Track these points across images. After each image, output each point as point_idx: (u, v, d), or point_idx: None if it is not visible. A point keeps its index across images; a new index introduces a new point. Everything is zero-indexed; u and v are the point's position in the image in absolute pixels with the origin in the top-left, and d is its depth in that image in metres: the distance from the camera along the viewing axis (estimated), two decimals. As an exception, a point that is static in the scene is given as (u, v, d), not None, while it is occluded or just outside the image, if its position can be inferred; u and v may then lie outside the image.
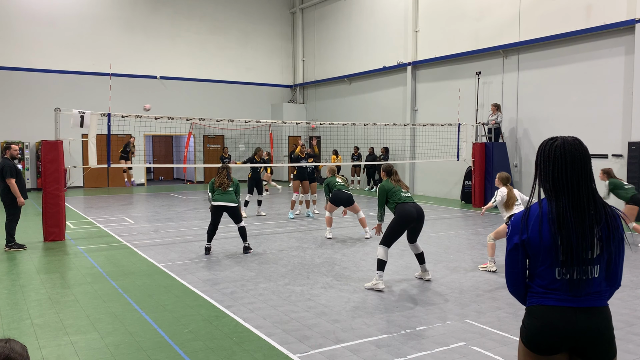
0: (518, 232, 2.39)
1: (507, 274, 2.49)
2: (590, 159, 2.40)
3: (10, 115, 19.60)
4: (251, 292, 6.44)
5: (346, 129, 20.25)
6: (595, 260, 2.32)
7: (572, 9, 13.80)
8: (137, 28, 21.91)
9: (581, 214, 2.30)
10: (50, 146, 9.79)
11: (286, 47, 25.74)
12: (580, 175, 2.34)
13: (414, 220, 6.65)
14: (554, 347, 2.32)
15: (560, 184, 2.35)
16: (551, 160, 2.38)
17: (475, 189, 15.07)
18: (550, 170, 2.37)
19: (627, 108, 12.73)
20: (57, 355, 4.56)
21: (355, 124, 14.94)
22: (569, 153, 2.36)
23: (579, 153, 2.36)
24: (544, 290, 2.36)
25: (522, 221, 2.40)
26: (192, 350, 4.64)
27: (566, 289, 2.31)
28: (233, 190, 8.71)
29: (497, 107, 15.36)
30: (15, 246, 9.03)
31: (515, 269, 2.44)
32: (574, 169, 2.34)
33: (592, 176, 2.38)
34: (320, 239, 10.09)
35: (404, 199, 6.77)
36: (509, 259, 2.46)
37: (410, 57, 18.89)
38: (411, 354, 4.57)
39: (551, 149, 2.40)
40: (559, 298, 2.32)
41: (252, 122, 14.62)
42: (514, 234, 2.41)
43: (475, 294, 6.38)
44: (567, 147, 2.37)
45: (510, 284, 2.50)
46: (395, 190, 6.79)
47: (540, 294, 2.37)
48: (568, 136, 2.42)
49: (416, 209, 6.71)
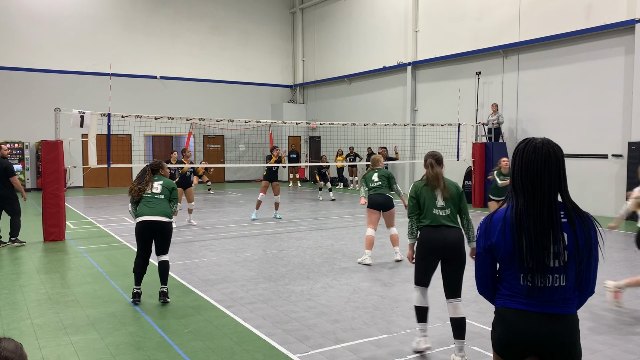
0: (486, 235, 2.39)
1: (476, 277, 2.49)
2: (559, 161, 2.28)
3: (10, 115, 19.61)
4: (251, 292, 6.43)
5: (346, 129, 20.24)
6: (559, 269, 2.27)
7: (572, 9, 13.80)
8: (137, 28, 21.91)
9: (534, 218, 2.26)
10: (50, 146, 9.80)
11: (286, 47, 25.74)
12: (538, 178, 2.26)
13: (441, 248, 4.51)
14: (518, 351, 2.31)
15: (517, 186, 2.32)
16: (516, 163, 2.35)
17: (475, 189, 15.07)
18: (520, 173, 2.32)
19: (627, 108, 12.73)
20: (57, 355, 4.56)
21: (355, 124, 14.93)
22: (529, 154, 2.29)
23: (541, 154, 2.27)
24: (509, 293, 2.36)
25: (486, 225, 2.39)
26: (192, 350, 4.64)
27: (529, 295, 2.29)
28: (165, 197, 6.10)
29: (497, 107, 15.36)
30: (17, 241, 9.49)
31: (484, 272, 2.45)
32: (531, 171, 2.27)
33: (559, 179, 2.29)
34: (320, 239, 10.08)
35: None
36: (477, 261, 2.46)
37: (410, 57, 18.88)
38: (411, 354, 4.56)
39: (517, 150, 2.36)
40: (522, 302, 2.31)
41: (252, 122, 14.61)
42: (484, 236, 2.40)
43: (476, 294, 6.36)
44: (528, 149, 2.30)
45: (478, 285, 2.50)
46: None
47: (505, 296, 2.37)
48: (539, 138, 2.35)
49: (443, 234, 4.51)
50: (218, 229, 11.27)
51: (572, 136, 13.87)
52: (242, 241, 9.87)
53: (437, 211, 4.53)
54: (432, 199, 4.56)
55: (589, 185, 13.40)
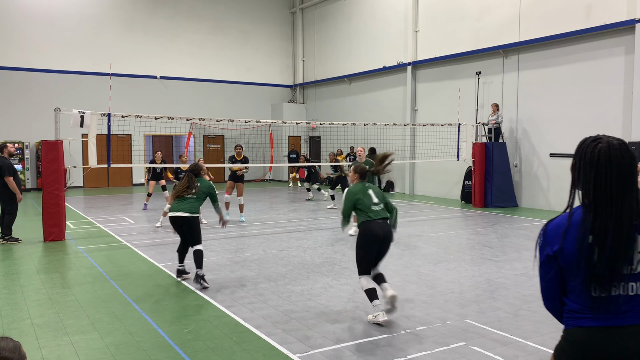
0: (550, 242, 2.16)
1: (541, 288, 2.25)
2: (637, 166, 2.14)
3: (10, 115, 19.61)
4: (251, 292, 6.43)
5: (346, 129, 20.24)
6: (637, 276, 2.07)
7: (572, 9, 13.80)
8: (137, 28, 21.91)
9: (620, 227, 2.05)
10: (50, 146, 9.79)
11: (286, 47, 25.74)
12: (625, 185, 2.08)
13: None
14: None
15: (601, 193, 2.08)
16: (593, 166, 2.10)
17: (475, 189, 15.07)
18: (592, 177, 2.09)
19: (627, 108, 12.73)
20: (57, 355, 4.56)
21: (355, 124, 14.94)
22: (615, 160, 2.08)
23: (626, 161, 2.09)
24: (578, 308, 2.12)
25: (556, 230, 2.15)
26: (192, 350, 4.64)
27: (604, 308, 2.07)
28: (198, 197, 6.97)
29: (497, 107, 15.36)
30: (11, 239, 9.57)
31: (549, 283, 2.20)
32: (620, 178, 2.07)
33: (637, 185, 2.13)
34: (320, 239, 10.09)
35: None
36: (542, 271, 2.21)
37: (410, 57, 18.88)
38: (411, 354, 4.56)
39: (594, 152, 2.12)
40: (598, 317, 2.08)
41: (252, 122, 14.61)
42: (546, 245, 2.17)
43: (475, 294, 6.37)
44: (612, 154, 2.08)
45: (544, 298, 2.26)
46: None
47: (577, 313, 2.13)
48: (613, 138, 2.14)
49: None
50: (218, 228, 11.27)
51: (572, 136, 13.86)
52: (242, 241, 9.87)
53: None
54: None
55: (589, 185, 13.39)
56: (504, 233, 10.66)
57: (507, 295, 6.35)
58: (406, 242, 9.86)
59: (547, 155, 14.27)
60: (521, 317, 5.52)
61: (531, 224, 11.78)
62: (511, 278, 7.13)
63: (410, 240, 9.97)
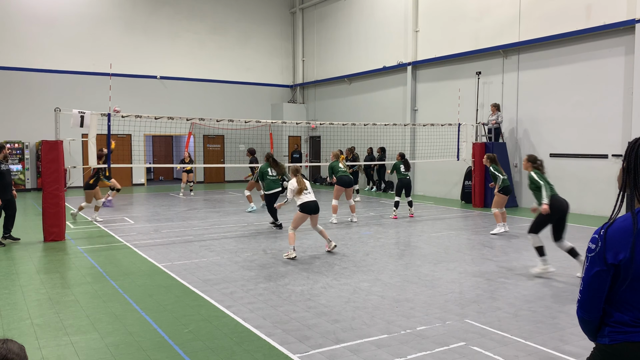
0: (614, 248, 1.95)
1: (585, 300, 2.04)
2: None
3: (10, 115, 19.60)
4: (251, 292, 6.43)
5: (346, 129, 20.25)
6: None
7: (572, 9, 13.80)
8: (137, 28, 21.91)
9: None
10: (50, 146, 9.79)
11: (286, 47, 25.74)
12: None
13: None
14: None
15: None
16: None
17: (475, 189, 15.07)
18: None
19: (627, 108, 12.73)
20: (57, 355, 4.56)
21: (355, 124, 14.94)
22: None
23: None
24: (632, 321, 1.94)
25: (621, 235, 1.95)
26: (192, 350, 4.64)
27: None
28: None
29: (497, 107, 15.36)
30: (9, 238, 9.68)
31: (598, 292, 2.00)
32: None
33: None
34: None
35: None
36: (597, 280, 1.99)
37: (410, 57, 18.88)
38: (411, 354, 4.56)
39: None
40: None
41: (252, 122, 14.62)
42: (608, 251, 1.96)
43: (475, 294, 6.37)
44: None
45: (587, 310, 2.05)
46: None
47: (628, 327, 1.95)
48: None
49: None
50: (218, 228, 11.28)
51: (572, 136, 13.88)
52: (242, 241, 9.87)
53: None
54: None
55: (589, 185, 13.41)
56: (504, 233, 10.66)
57: (507, 295, 6.35)
58: (406, 242, 9.87)
59: (547, 155, 14.26)
60: (521, 317, 5.52)
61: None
62: (511, 278, 7.13)
63: (410, 240, 9.97)
